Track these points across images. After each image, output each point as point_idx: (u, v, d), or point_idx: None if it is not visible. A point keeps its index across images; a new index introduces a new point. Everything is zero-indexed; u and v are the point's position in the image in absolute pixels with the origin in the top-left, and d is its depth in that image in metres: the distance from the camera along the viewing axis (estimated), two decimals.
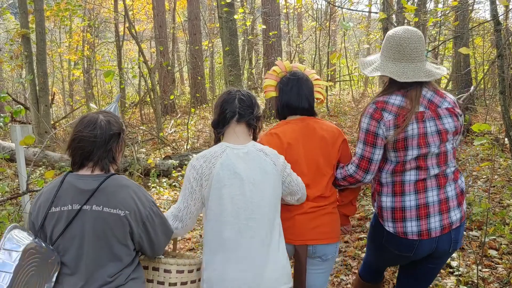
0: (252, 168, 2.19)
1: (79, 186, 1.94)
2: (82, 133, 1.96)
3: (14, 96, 13.74)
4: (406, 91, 2.35)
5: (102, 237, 1.91)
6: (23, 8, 8.45)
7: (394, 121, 2.31)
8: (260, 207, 2.16)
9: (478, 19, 16.51)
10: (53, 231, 1.92)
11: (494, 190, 5.92)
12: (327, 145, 2.51)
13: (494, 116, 12.23)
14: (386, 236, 2.44)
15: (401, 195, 2.38)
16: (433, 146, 2.33)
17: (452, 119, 2.38)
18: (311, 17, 19.50)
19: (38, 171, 7.07)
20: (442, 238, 2.38)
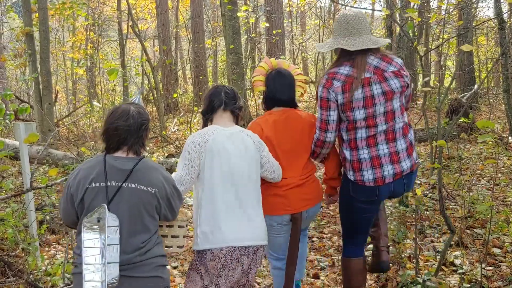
0: (236, 145, 2.72)
1: (117, 166, 2.28)
2: (118, 123, 2.30)
3: (18, 94, 13.76)
4: (353, 61, 2.75)
5: (136, 210, 2.25)
6: (27, 7, 8.47)
7: (342, 87, 2.73)
8: (242, 175, 2.69)
9: (481, 17, 16.47)
10: (90, 204, 2.22)
11: (498, 189, 5.91)
12: (303, 133, 3.00)
13: (498, 114, 12.19)
14: (351, 186, 2.87)
15: (356, 149, 2.82)
16: (379, 105, 2.73)
17: (398, 80, 2.75)
18: (314, 15, 19.48)
19: (42, 169, 7.09)
20: (396, 183, 2.82)
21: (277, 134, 2.96)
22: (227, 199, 2.65)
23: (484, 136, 3.03)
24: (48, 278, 3.89)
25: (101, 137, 2.39)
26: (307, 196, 2.98)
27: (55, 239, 4.97)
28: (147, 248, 2.28)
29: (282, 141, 2.96)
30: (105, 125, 2.35)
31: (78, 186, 2.25)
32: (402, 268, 4.01)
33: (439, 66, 15.92)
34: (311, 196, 3.00)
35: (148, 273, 2.27)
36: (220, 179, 2.65)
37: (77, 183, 2.26)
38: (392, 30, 6.39)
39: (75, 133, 11.74)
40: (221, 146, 2.67)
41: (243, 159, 2.71)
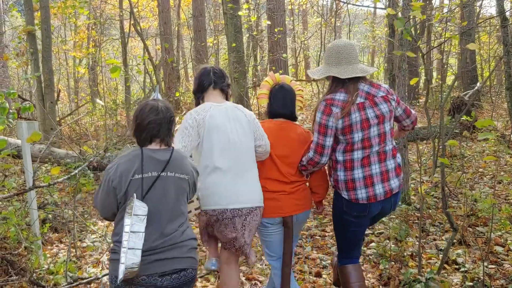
0: (231, 118, 3.04)
1: (155, 157, 2.48)
2: (150, 118, 2.50)
3: (20, 93, 13.77)
4: (346, 88, 2.98)
5: (174, 197, 2.49)
6: (29, 5, 8.46)
7: (340, 113, 2.93)
8: (240, 145, 3.00)
9: (484, 15, 16.42)
10: (127, 190, 2.41)
11: (500, 187, 5.90)
12: (293, 145, 3.22)
13: (500, 112, 12.17)
14: (345, 203, 3.07)
15: (351, 169, 3.01)
16: (373, 127, 2.96)
17: (387, 104, 3.00)
18: (316, 13, 19.45)
19: (44, 167, 7.10)
20: (386, 201, 3.05)
21: (273, 139, 3.20)
22: (223, 167, 2.97)
23: (484, 134, 3.01)
24: (51, 276, 3.90)
25: (132, 132, 2.58)
26: (298, 202, 3.19)
27: (58, 237, 4.98)
28: (182, 229, 2.53)
29: (274, 147, 3.20)
30: (136, 120, 2.54)
31: (121, 179, 2.42)
32: (405, 266, 4.01)
33: (442, 64, 15.90)
34: (301, 202, 3.21)
35: (185, 254, 2.50)
36: (219, 150, 2.96)
37: (119, 176, 2.43)
38: (394, 28, 6.38)
39: (77, 131, 11.76)
40: (219, 121, 2.99)
41: (238, 130, 3.03)
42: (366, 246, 4.58)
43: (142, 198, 2.41)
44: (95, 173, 6.97)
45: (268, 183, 3.17)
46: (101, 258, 4.40)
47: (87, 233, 5.09)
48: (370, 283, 3.88)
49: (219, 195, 2.94)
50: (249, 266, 4.27)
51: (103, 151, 6.71)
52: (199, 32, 16.39)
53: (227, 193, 2.96)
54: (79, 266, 4.30)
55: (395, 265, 4.03)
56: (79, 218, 5.21)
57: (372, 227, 5.03)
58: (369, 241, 4.67)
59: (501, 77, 15.12)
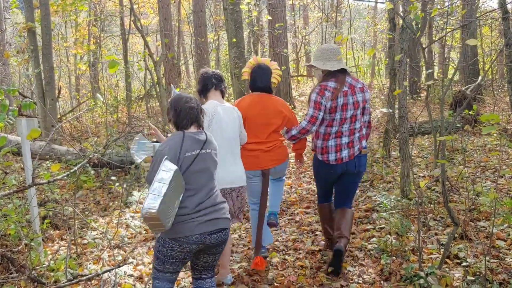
0: (229, 116, 3.87)
1: (196, 138, 3.07)
2: (189, 105, 3.09)
3: (21, 90, 13.76)
4: (337, 78, 4.04)
5: (210, 167, 3.11)
6: (29, 2, 8.44)
7: (330, 96, 3.98)
8: (233, 137, 3.89)
9: (485, 8, 16.35)
10: (181, 166, 2.96)
11: (502, 181, 5.88)
12: (269, 113, 4.16)
13: (502, 106, 12.12)
14: (319, 163, 4.22)
15: (327, 140, 4.11)
16: (349, 110, 4.02)
17: (362, 94, 4.08)
18: (317, 8, 19.39)
19: (45, 164, 7.10)
20: (349, 163, 4.12)
21: (249, 109, 4.14)
22: (222, 153, 3.63)
23: (488, 128, 2.99)
24: (51, 273, 3.90)
25: (172, 119, 3.13)
26: (273, 157, 4.20)
27: (58, 234, 4.97)
28: (217, 193, 3.15)
29: (253, 115, 4.14)
30: (176, 109, 3.10)
31: (175, 156, 2.97)
32: (406, 261, 4.00)
33: (443, 58, 15.82)
34: (277, 157, 4.22)
35: (224, 215, 3.10)
36: (220, 139, 3.63)
37: (173, 156, 2.96)
38: (395, 22, 6.35)
39: (79, 128, 11.76)
40: (221, 117, 3.82)
41: (233, 126, 3.89)
42: (367, 241, 4.57)
43: (187, 170, 2.98)
44: (95, 170, 6.96)
45: (251, 144, 4.14)
46: (102, 255, 4.39)
47: (87, 230, 5.08)
48: (371, 278, 3.87)
49: (220, 177, 3.47)
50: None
51: (103, 148, 6.71)
52: (200, 28, 16.35)
53: (224, 177, 3.73)
54: (80, 263, 4.30)
55: (396, 260, 4.02)
56: (79, 215, 5.20)
57: (373, 222, 5.02)
58: (370, 236, 4.66)
59: (503, 70, 15.06)
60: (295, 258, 4.40)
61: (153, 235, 5.07)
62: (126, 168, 7.10)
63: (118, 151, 7.27)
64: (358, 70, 18.46)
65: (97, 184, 6.85)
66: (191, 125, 3.10)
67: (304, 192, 6.59)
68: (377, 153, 7.70)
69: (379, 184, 6.36)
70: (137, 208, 5.94)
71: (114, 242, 4.81)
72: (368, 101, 4.15)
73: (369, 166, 7.28)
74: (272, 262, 4.34)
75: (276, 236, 5.01)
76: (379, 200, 5.52)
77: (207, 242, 2.98)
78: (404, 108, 5.53)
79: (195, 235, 2.92)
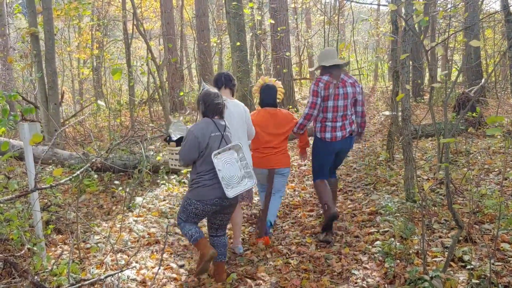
0: (237, 111, 4.60)
1: (220, 124, 4.04)
2: (217, 100, 4.03)
3: (24, 95, 13.79)
4: (331, 74, 4.91)
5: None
6: (31, 7, 8.47)
7: (324, 87, 4.85)
8: (237, 124, 4.55)
9: (488, 10, 16.31)
10: (212, 145, 3.91)
11: (506, 183, 5.84)
12: (280, 123, 5.11)
13: (506, 108, 12.09)
14: (318, 140, 5.04)
15: (324, 122, 4.96)
16: (340, 100, 4.88)
17: (352, 88, 4.93)
18: (319, 11, 19.39)
19: (48, 169, 7.10)
20: (343, 142, 4.98)
21: (262, 122, 5.07)
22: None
23: (493, 130, 2.97)
24: (54, 278, 3.89)
25: (202, 110, 4.05)
26: (278, 161, 5.07)
27: (61, 239, 4.97)
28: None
29: (265, 126, 5.06)
30: (205, 102, 4.02)
31: (204, 136, 3.88)
32: (410, 264, 3.98)
33: (446, 60, 15.79)
34: (281, 161, 5.09)
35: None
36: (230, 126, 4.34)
37: (201, 134, 3.87)
38: (397, 24, 6.33)
39: (82, 133, 11.77)
40: (231, 111, 4.51)
41: (240, 119, 4.61)
42: (371, 244, 4.55)
43: (218, 147, 3.91)
44: (98, 174, 6.96)
45: (262, 149, 5.05)
46: (105, 259, 4.38)
47: (90, 234, 5.07)
48: (375, 281, 3.85)
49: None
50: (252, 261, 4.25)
51: (106, 152, 6.71)
52: (202, 31, 16.37)
53: None
54: (83, 267, 4.29)
55: (400, 263, 4.00)
56: (82, 219, 5.19)
57: (377, 225, 5.00)
58: (374, 239, 4.64)
59: (506, 72, 15.02)
60: (298, 262, 4.38)
61: (155, 239, 5.06)
62: (129, 172, 7.09)
63: (121, 155, 7.27)
64: (361, 73, 18.44)
65: (100, 188, 6.85)
66: (215, 115, 4.03)
67: (307, 196, 6.57)
68: (381, 155, 7.68)
69: (383, 187, 6.34)
70: (140, 212, 5.93)
71: (117, 247, 4.80)
72: (359, 94, 5.00)
73: (372, 169, 7.26)
74: (276, 266, 4.33)
75: (279, 240, 5.00)
76: (383, 203, 5.50)
77: (223, 204, 3.93)
78: (408, 110, 5.52)
79: (215, 198, 3.87)
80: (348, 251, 4.48)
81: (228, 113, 4.38)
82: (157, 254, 4.72)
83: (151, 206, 6.20)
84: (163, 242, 4.98)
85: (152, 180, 7.19)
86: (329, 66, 4.92)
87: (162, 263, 4.47)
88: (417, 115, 11.48)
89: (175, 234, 5.29)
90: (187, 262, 4.54)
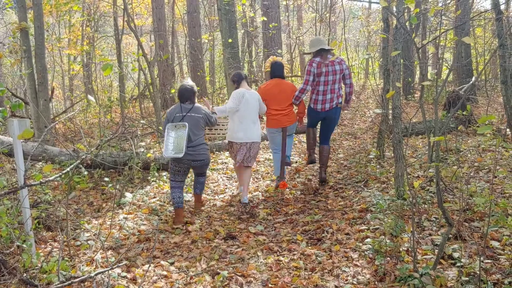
0: (252, 97, 6.23)
1: (186, 107, 5.63)
2: (183, 90, 5.69)
3: (14, 90, 13.69)
4: (321, 56, 6.31)
5: (194, 124, 5.57)
6: (21, 2, 8.39)
7: (317, 66, 6.26)
8: (251, 109, 6.21)
9: (478, 9, 16.39)
10: (174, 121, 5.58)
11: (496, 181, 5.88)
12: (286, 92, 6.65)
13: (495, 106, 12.16)
14: (311, 109, 6.58)
15: (317, 95, 6.43)
16: (330, 76, 6.29)
17: (339, 66, 6.31)
18: (311, 9, 19.39)
19: (38, 165, 7.05)
20: (330, 111, 6.47)
21: (272, 90, 6.64)
22: (245, 120, 6.19)
23: (483, 128, 2.98)
24: (44, 275, 3.86)
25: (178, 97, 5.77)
26: (288, 119, 6.65)
27: (51, 236, 4.93)
28: (199, 140, 5.65)
29: (276, 94, 6.62)
30: (179, 92, 5.73)
31: (171, 115, 5.61)
32: (400, 261, 3.99)
33: (437, 59, 15.85)
34: (290, 119, 6.67)
35: (202, 152, 5.67)
36: (245, 111, 6.18)
37: (169, 114, 5.63)
38: (388, 22, 6.35)
39: (72, 129, 11.70)
40: (247, 97, 6.19)
41: (253, 103, 6.25)
42: (362, 242, 4.56)
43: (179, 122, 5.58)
44: (89, 170, 6.92)
45: (274, 111, 6.61)
46: (95, 256, 4.36)
47: (80, 232, 5.05)
48: (365, 278, 3.86)
49: (240, 135, 6.18)
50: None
51: (96, 149, 6.66)
52: (194, 28, 16.33)
53: (244, 134, 6.18)
54: (73, 264, 4.26)
55: (390, 261, 4.01)
56: (72, 216, 5.16)
57: (367, 223, 5.02)
58: (364, 237, 4.65)
59: (496, 71, 15.10)
60: (289, 259, 4.39)
61: (146, 237, 5.05)
62: (119, 169, 7.06)
63: (111, 152, 7.23)
64: (351, 70, 18.45)
65: (90, 185, 6.81)
66: (185, 101, 5.72)
67: (298, 193, 6.58)
68: (371, 153, 7.71)
69: (374, 184, 6.36)
70: (130, 209, 5.91)
71: (107, 244, 4.78)
72: (346, 69, 6.43)
73: (363, 167, 7.28)
74: (266, 263, 4.33)
75: (270, 238, 5.01)
76: (374, 200, 5.51)
77: (192, 164, 5.67)
78: (398, 108, 5.53)
79: (184, 159, 5.56)
80: (339, 248, 4.49)
81: (245, 101, 6.15)
82: (148, 251, 4.70)
83: (141, 203, 6.18)
84: (154, 239, 4.96)
85: (143, 177, 7.16)
86: (318, 50, 6.34)
87: (153, 261, 4.46)
88: (407, 113, 11.52)
89: (165, 231, 5.28)
90: (177, 259, 4.53)
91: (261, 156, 8.89)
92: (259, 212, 5.82)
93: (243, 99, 6.08)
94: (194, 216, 5.81)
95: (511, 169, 6.25)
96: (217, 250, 4.68)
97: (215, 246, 4.80)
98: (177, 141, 5.43)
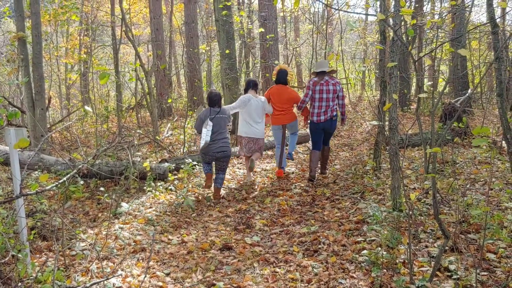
0: (256, 102, 7.72)
1: (215, 110, 7.04)
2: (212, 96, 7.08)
3: (11, 99, 13.67)
4: (318, 76, 7.52)
5: (222, 124, 7.05)
6: (20, 11, 8.42)
7: (312, 84, 7.55)
8: (255, 112, 7.71)
9: (473, 22, 16.50)
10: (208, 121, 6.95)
11: (492, 193, 5.89)
12: (287, 95, 7.89)
13: (491, 119, 12.22)
14: (311, 122, 7.69)
15: (313, 108, 7.57)
16: (324, 94, 7.45)
17: (333, 87, 7.47)
18: (308, 20, 19.49)
19: (34, 174, 7.03)
20: (326, 123, 7.55)
21: (275, 94, 7.89)
22: (250, 119, 7.65)
23: (479, 140, 2.99)
24: (39, 285, 3.84)
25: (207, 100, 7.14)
26: (288, 118, 7.93)
27: (46, 245, 4.91)
28: (225, 137, 7.04)
29: (277, 97, 7.85)
30: (208, 97, 7.11)
31: (205, 116, 6.94)
32: (397, 273, 3.99)
33: (433, 71, 15.94)
34: (289, 118, 7.94)
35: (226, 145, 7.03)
36: (250, 112, 7.63)
37: (203, 116, 6.95)
38: (385, 35, 6.39)
39: (68, 138, 11.68)
40: (252, 102, 7.61)
41: (257, 107, 7.63)
42: (358, 253, 4.56)
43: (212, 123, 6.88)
44: (85, 180, 6.90)
45: (276, 111, 7.89)
46: (90, 266, 4.34)
47: (76, 241, 5.02)
48: None
49: (246, 131, 7.67)
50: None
51: (93, 158, 6.65)
52: (191, 38, 16.38)
53: (249, 131, 7.64)
54: (68, 275, 4.24)
55: (387, 273, 4.00)
56: (68, 226, 5.14)
57: (364, 234, 5.01)
58: (361, 248, 4.64)
59: (492, 83, 15.19)
60: (285, 271, 4.37)
61: (141, 247, 5.03)
62: (115, 179, 7.04)
63: (107, 161, 7.22)
64: (348, 82, 18.53)
65: (86, 194, 6.79)
66: (214, 105, 7.02)
67: (295, 204, 6.58)
68: (368, 164, 7.72)
69: (370, 195, 6.36)
70: (126, 219, 5.89)
71: (103, 254, 4.76)
72: (340, 91, 7.52)
73: (359, 178, 7.29)
74: (263, 275, 4.31)
75: (266, 249, 5.00)
76: (370, 212, 5.51)
77: (217, 156, 6.91)
78: (395, 120, 5.55)
79: (211, 152, 6.89)
80: (335, 260, 4.48)
81: (249, 105, 7.55)
82: (143, 262, 4.68)
83: (137, 213, 6.16)
84: (149, 249, 4.95)
85: (139, 187, 7.14)
86: (318, 71, 7.51)
87: (148, 271, 4.44)
88: (403, 125, 11.55)
89: (161, 241, 5.26)
90: (173, 270, 4.51)
91: (258, 166, 8.89)
92: (255, 223, 5.81)
93: (248, 103, 7.58)
94: (191, 226, 5.79)
95: (507, 181, 6.27)
96: (213, 261, 4.66)
97: (211, 257, 4.78)
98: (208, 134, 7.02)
